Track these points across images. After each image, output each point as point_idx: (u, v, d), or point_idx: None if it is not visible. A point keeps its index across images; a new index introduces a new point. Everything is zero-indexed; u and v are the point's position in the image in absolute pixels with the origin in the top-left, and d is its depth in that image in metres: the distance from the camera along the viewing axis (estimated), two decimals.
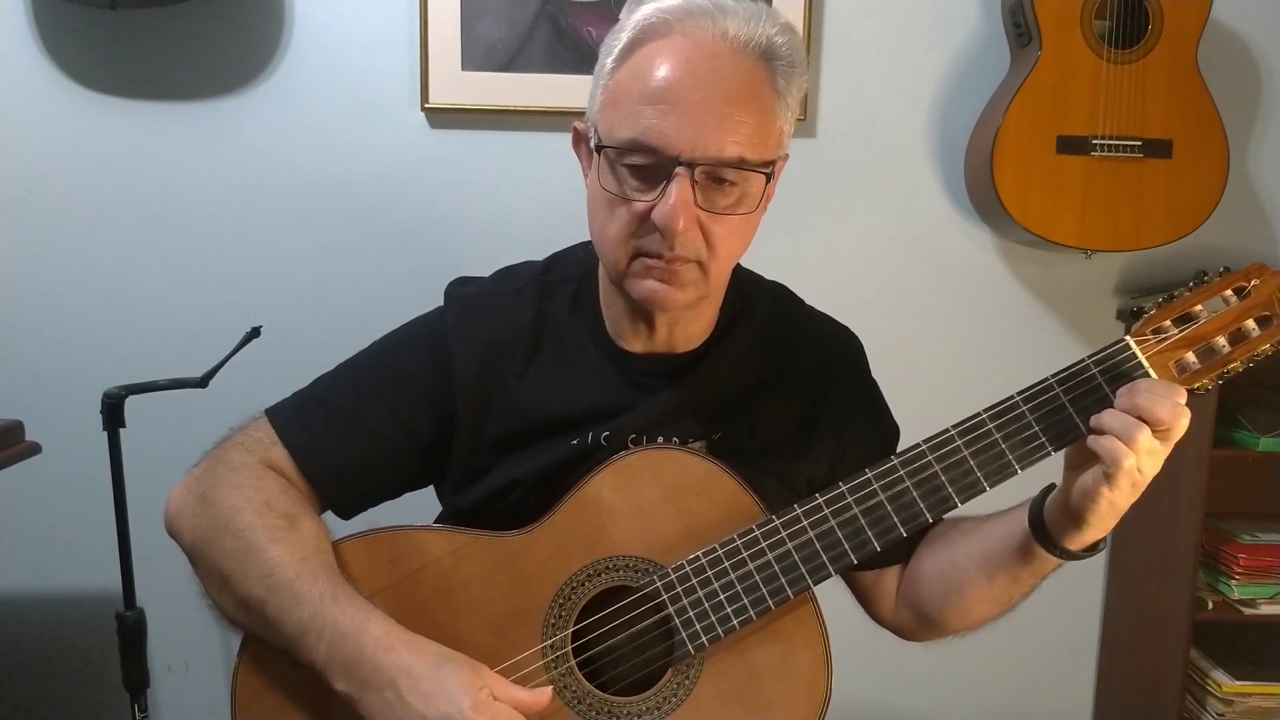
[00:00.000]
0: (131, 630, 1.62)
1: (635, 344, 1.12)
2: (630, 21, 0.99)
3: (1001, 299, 2.19)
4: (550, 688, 1.01)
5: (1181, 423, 0.93)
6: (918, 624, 1.18)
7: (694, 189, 0.96)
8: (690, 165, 0.95)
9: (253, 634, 1.03)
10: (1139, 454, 0.92)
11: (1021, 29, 1.99)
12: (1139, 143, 1.95)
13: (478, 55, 2.01)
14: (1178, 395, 0.93)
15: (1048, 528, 1.01)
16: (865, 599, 1.22)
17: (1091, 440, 0.95)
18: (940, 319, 2.19)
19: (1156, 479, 0.96)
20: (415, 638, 0.98)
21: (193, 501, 1.05)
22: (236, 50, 2.01)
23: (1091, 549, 1.02)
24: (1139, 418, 0.92)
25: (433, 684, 0.94)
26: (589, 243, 1.12)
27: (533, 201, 2.06)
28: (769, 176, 1.01)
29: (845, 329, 1.23)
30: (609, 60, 1.01)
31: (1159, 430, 0.92)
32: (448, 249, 2.07)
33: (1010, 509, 1.07)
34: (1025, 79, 1.95)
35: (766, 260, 1.21)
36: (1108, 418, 0.94)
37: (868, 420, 1.20)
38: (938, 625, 1.15)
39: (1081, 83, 1.94)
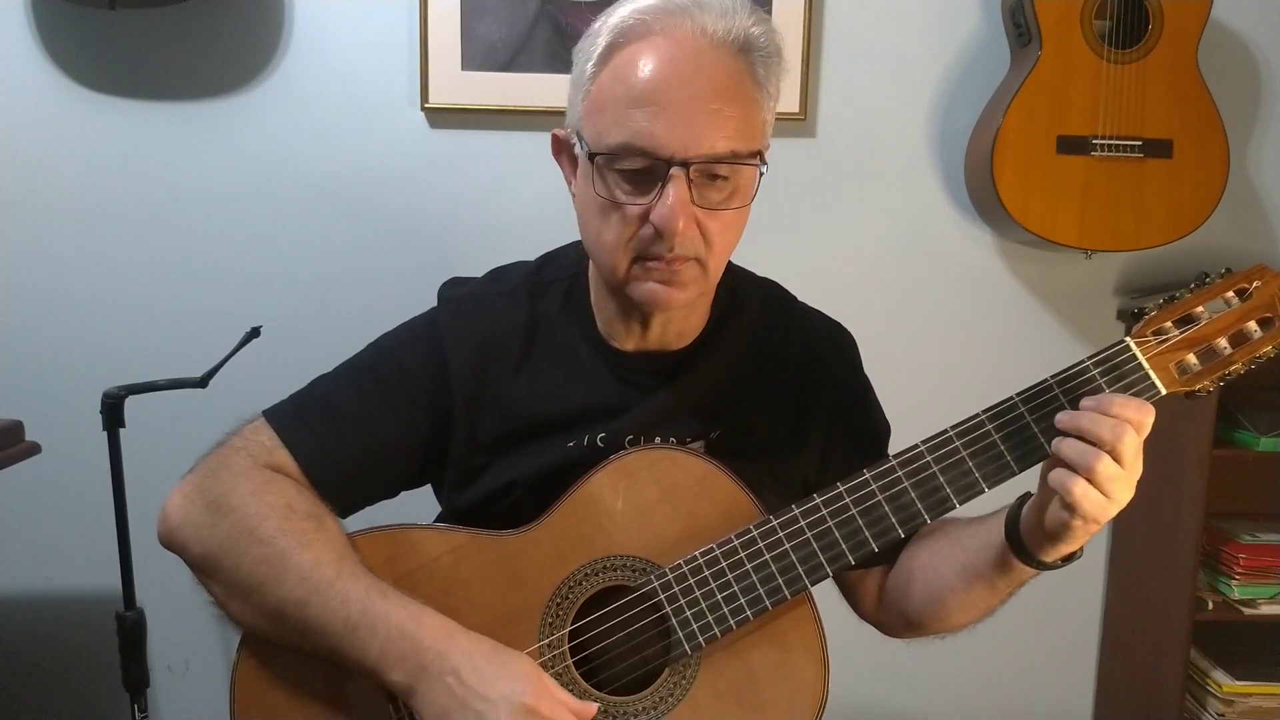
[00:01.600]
0: (131, 630, 1.62)
1: (628, 343, 1.12)
2: (606, 25, 0.99)
3: (1001, 299, 2.19)
4: (596, 705, 1.01)
5: (1126, 441, 0.89)
6: (899, 624, 1.18)
7: (689, 188, 0.96)
8: (684, 164, 0.95)
9: (281, 642, 1.02)
10: (1099, 482, 0.90)
11: (1021, 29, 1.99)
12: (1139, 143, 1.95)
13: (478, 55, 2.01)
14: (1125, 409, 0.90)
15: (1023, 540, 1.00)
16: (850, 595, 1.23)
17: (1045, 466, 0.94)
18: (940, 319, 2.19)
19: (1156, 479, 0.94)
20: (468, 630, 0.99)
21: (199, 511, 1.04)
22: (236, 50, 2.01)
23: (1068, 558, 1.00)
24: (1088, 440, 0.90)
25: (495, 669, 0.96)
26: (580, 242, 1.12)
27: (533, 201, 2.06)
28: (760, 169, 1.01)
29: (836, 325, 1.23)
30: (588, 65, 1.00)
31: (1106, 450, 0.90)
32: (447, 249, 2.07)
33: (989, 515, 1.06)
34: (1025, 79, 1.94)
35: (767, 260, 1.21)
36: (1066, 447, 0.92)
37: (856, 417, 1.19)
38: (918, 627, 1.15)
39: (1082, 83, 1.94)
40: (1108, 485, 0.90)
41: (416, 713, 0.97)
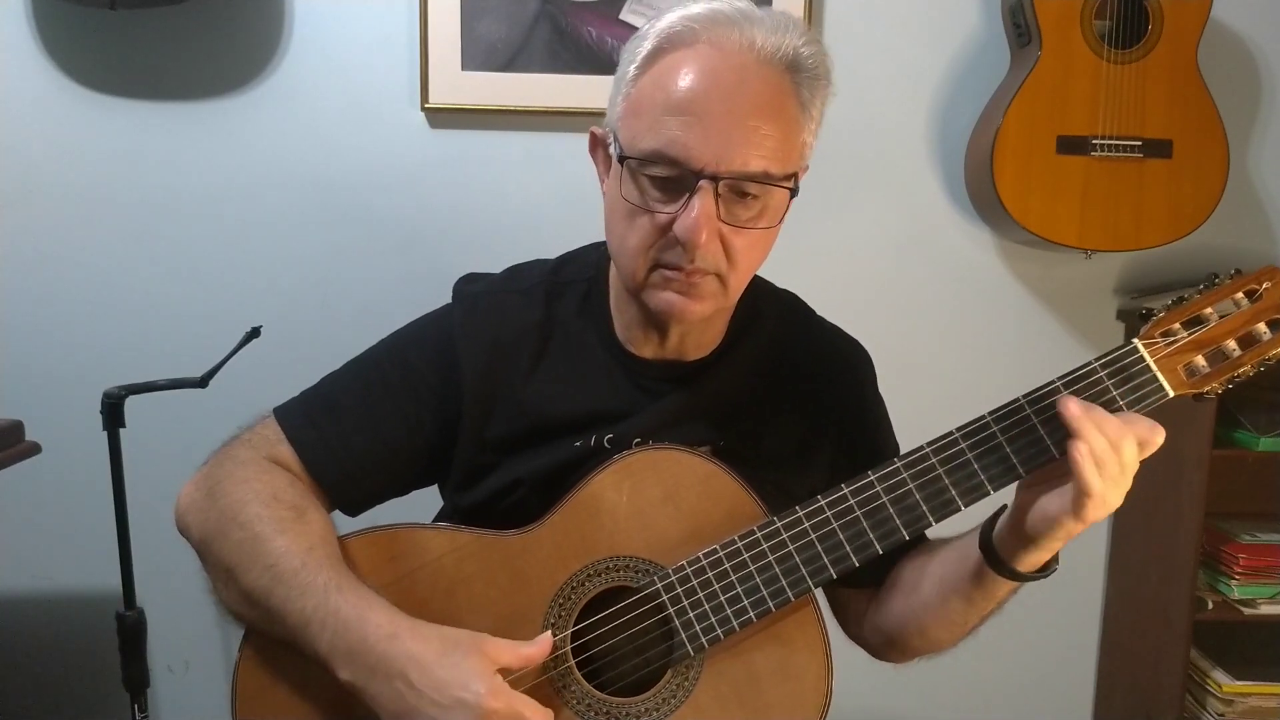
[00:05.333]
0: (131, 630, 1.62)
1: (645, 350, 1.11)
2: (654, 29, 0.98)
3: (1001, 299, 2.19)
4: (549, 633, 1.00)
5: (1127, 441, 0.90)
6: (881, 643, 1.17)
7: (717, 202, 0.95)
8: (714, 178, 0.94)
9: (257, 628, 1.03)
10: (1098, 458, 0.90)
11: (1021, 29, 1.99)
12: (1139, 143, 1.95)
13: (478, 55, 2.01)
14: (1136, 422, 0.92)
15: (996, 549, 1.00)
16: (839, 614, 1.22)
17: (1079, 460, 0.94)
18: (940, 319, 2.19)
19: (1156, 479, 0.94)
20: (418, 624, 0.97)
21: (201, 497, 1.06)
22: (236, 50, 2.00)
23: (1043, 570, 1.00)
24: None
25: (445, 672, 0.94)
26: (600, 244, 1.12)
27: (532, 201, 2.06)
28: (793, 191, 1.00)
29: (854, 343, 1.22)
30: (631, 67, 0.99)
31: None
32: (447, 249, 2.07)
33: (968, 531, 1.06)
34: (1025, 79, 1.94)
35: (766, 260, 1.21)
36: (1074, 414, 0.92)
37: (867, 437, 1.18)
38: (899, 645, 1.15)
39: (1081, 83, 1.94)
40: (1105, 465, 0.90)
41: (371, 711, 0.96)
